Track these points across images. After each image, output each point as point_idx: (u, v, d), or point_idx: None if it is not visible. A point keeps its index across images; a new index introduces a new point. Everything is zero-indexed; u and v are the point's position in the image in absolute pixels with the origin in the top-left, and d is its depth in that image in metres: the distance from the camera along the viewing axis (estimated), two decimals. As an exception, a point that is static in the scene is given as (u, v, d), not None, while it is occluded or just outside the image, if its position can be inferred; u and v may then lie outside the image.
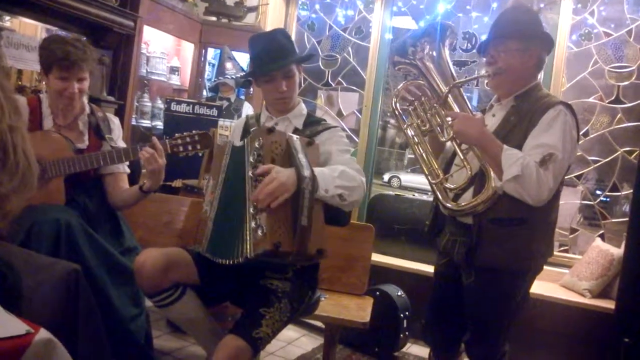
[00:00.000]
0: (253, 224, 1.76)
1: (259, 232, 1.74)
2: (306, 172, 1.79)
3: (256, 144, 1.82)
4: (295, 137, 1.90)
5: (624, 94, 3.64)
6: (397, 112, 2.22)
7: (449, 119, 2.07)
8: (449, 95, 2.14)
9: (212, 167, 2.04)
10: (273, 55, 2.09)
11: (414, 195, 4.22)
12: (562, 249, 3.74)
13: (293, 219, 1.77)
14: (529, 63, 2.05)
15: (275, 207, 1.74)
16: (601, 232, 3.71)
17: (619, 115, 3.67)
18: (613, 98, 3.68)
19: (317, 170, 1.84)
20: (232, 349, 1.78)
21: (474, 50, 3.91)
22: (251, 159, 1.82)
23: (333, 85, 4.54)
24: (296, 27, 4.64)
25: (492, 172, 1.97)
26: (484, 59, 2.15)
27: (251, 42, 2.17)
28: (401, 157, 19.04)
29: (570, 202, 3.76)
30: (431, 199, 3.83)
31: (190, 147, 2.29)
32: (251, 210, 1.78)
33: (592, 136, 3.72)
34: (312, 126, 2.17)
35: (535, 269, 2.08)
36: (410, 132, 2.19)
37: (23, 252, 1.77)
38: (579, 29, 3.73)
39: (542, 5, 3.73)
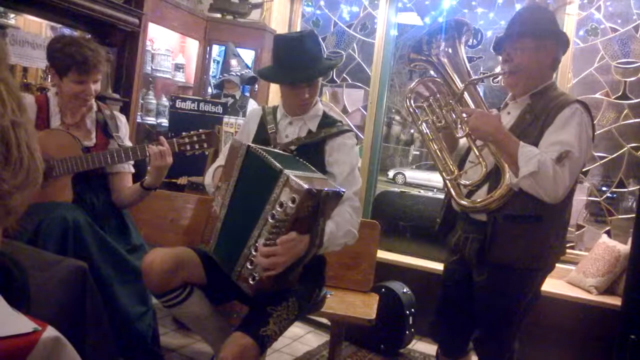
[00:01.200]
0: (249, 265, 1.80)
1: (250, 279, 1.80)
2: (317, 241, 1.83)
3: (290, 202, 1.70)
4: (330, 192, 1.79)
5: (631, 89, 3.62)
6: (411, 109, 2.21)
7: (464, 115, 2.07)
8: (465, 92, 2.13)
9: (224, 168, 1.99)
10: (302, 65, 2.04)
11: (419, 191, 4.22)
12: (568, 245, 3.72)
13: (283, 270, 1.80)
14: (545, 61, 2.04)
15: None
16: (607, 228, 3.70)
17: (625, 111, 3.65)
18: (620, 94, 3.66)
19: (327, 232, 1.87)
20: (239, 346, 1.78)
21: (480, 46, 3.89)
22: (278, 207, 1.73)
23: (338, 81, 4.53)
24: (301, 23, 4.63)
25: (507, 169, 1.96)
26: (500, 57, 2.14)
27: (277, 42, 2.11)
28: (406, 153, 19.02)
29: (576, 199, 3.74)
30: (437, 195, 3.84)
31: (197, 146, 2.30)
32: (253, 250, 1.79)
33: (598, 132, 3.69)
34: (327, 128, 2.16)
35: (547, 267, 2.07)
36: (424, 128, 2.18)
37: (30, 249, 1.77)
38: (586, 24, 3.71)
39: (548, 1, 3.71)
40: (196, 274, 1.98)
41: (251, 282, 1.80)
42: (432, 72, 2.28)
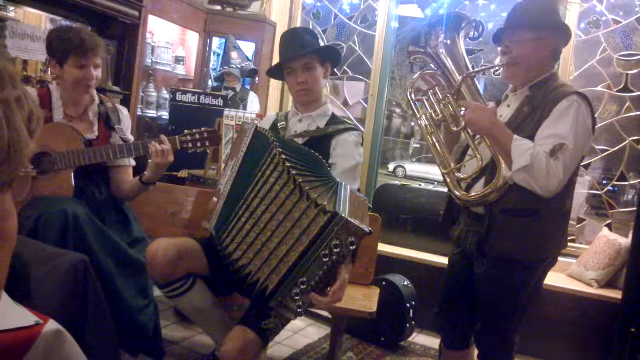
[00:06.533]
0: (295, 297, 1.74)
1: (298, 309, 1.75)
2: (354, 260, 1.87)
3: (350, 245, 1.67)
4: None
5: (633, 82, 3.61)
6: (411, 103, 2.22)
7: (461, 109, 2.06)
8: (462, 85, 2.13)
9: (233, 147, 2.08)
10: (292, 47, 2.18)
11: (420, 185, 4.21)
12: (569, 238, 3.73)
13: None
14: (544, 53, 2.02)
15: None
16: (608, 221, 3.70)
17: (627, 104, 3.64)
18: (621, 87, 3.65)
19: None
20: (241, 340, 1.78)
21: (481, 39, 3.88)
22: (334, 249, 1.68)
23: (339, 74, 4.51)
24: (301, 15, 4.61)
25: (502, 163, 1.95)
26: (499, 49, 2.13)
27: (280, 40, 2.29)
28: (406, 146, 19.01)
29: (577, 192, 3.73)
30: (437, 188, 3.84)
31: (199, 144, 2.30)
32: (301, 286, 1.73)
33: (600, 125, 3.69)
34: (335, 125, 2.23)
35: (548, 261, 2.06)
36: (424, 122, 2.19)
37: (32, 243, 1.77)
38: (588, 16, 3.69)
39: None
40: (199, 264, 2.00)
41: (299, 311, 1.76)
42: (432, 65, 2.28)
